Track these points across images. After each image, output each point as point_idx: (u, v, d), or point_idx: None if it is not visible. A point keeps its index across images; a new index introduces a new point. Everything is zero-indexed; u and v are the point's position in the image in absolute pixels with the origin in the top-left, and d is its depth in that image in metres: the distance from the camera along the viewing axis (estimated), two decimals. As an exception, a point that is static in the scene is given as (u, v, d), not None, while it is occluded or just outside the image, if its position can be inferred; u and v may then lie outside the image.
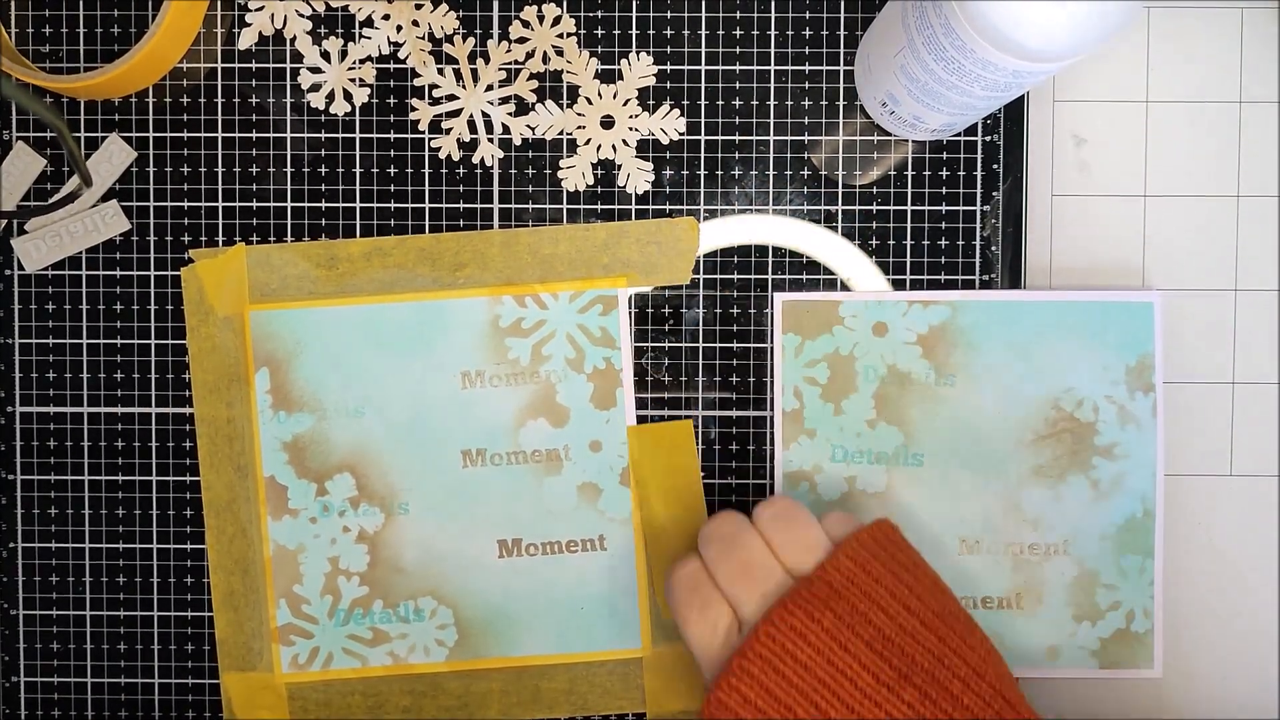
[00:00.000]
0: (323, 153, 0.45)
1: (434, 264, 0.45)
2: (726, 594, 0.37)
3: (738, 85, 0.45)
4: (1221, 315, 0.47)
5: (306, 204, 0.45)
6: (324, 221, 0.45)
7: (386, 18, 0.45)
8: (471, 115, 0.45)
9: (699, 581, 0.38)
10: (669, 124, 0.45)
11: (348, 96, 0.45)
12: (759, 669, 0.35)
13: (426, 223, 0.45)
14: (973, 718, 0.34)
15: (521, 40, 0.45)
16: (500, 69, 0.45)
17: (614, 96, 0.45)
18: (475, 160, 0.45)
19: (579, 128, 0.45)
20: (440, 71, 0.45)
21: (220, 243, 0.45)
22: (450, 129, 0.45)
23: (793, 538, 0.38)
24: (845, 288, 0.45)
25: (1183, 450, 0.47)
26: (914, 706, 0.34)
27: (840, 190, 0.45)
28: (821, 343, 0.45)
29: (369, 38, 0.45)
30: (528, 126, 0.45)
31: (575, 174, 0.45)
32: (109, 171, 0.45)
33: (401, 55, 0.45)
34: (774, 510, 0.39)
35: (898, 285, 0.45)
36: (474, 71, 0.45)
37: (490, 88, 0.45)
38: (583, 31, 0.45)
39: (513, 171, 0.45)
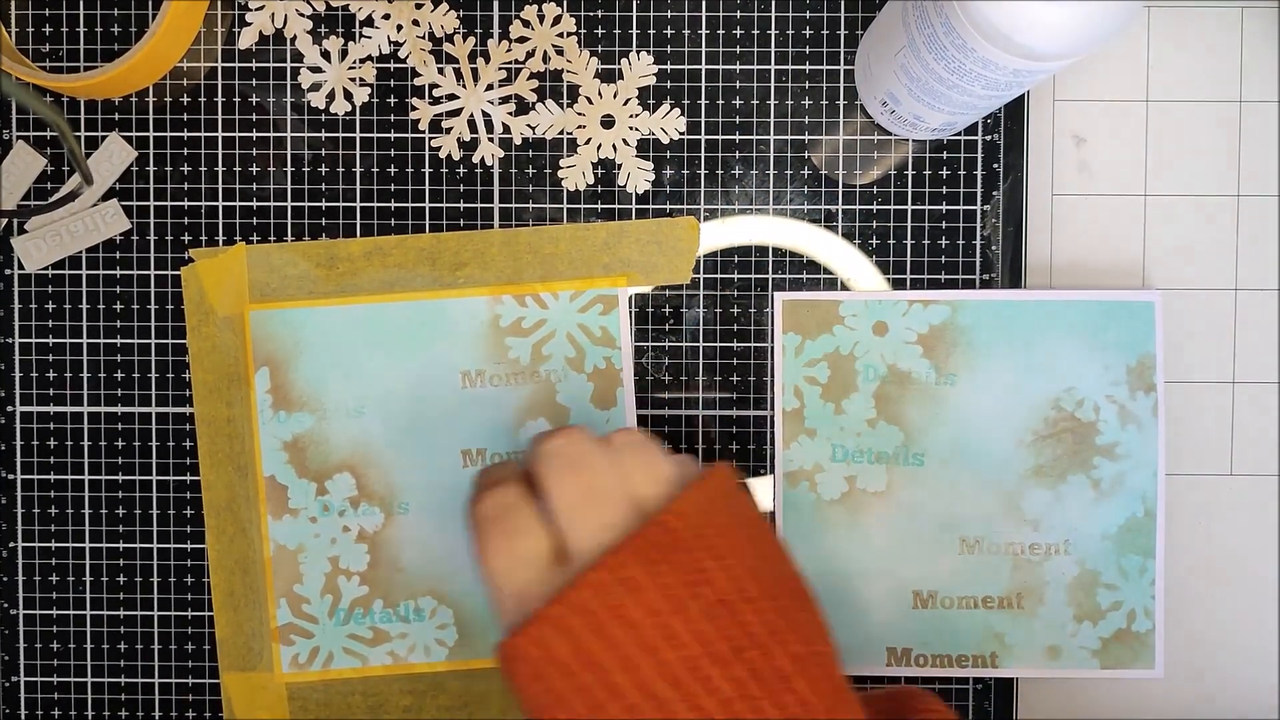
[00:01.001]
0: (323, 153, 0.45)
1: (434, 264, 0.45)
2: (558, 519, 0.32)
3: (738, 85, 0.45)
4: (1221, 315, 0.46)
5: (306, 204, 0.45)
6: (324, 221, 0.45)
7: (387, 17, 0.45)
8: (472, 115, 0.45)
9: (513, 507, 0.33)
10: (669, 124, 0.45)
11: (348, 96, 0.45)
12: (579, 622, 0.30)
13: (426, 222, 0.45)
14: (801, 701, 0.30)
15: (522, 40, 0.45)
16: (500, 68, 0.45)
17: (614, 96, 0.45)
18: (475, 160, 0.45)
19: (579, 127, 0.45)
20: (440, 71, 0.45)
21: (220, 242, 0.45)
22: (450, 128, 0.45)
23: (646, 464, 0.33)
24: (845, 287, 0.45)
25: (1183, 450, 0.47)
26: (743, 685, 0.29)
27: (840, 190, 0.45)
28: (822, 342, 0.45)
29: (369, 37, 0.45)
30: (528, 126, 0.45)
31: (575, 174, 0.45)
32: (109, 171, 0.45)
33: (402, 55, 0.45)
34: (628, 438, 0.34)
35: (898, 285, 0.45)
36: (474, 71, 0.45)
37: (490, 87, 0.45)
38: (583, 31, 0.45)
39: (513, 171, 0.45)
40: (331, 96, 0.45)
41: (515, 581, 0.32)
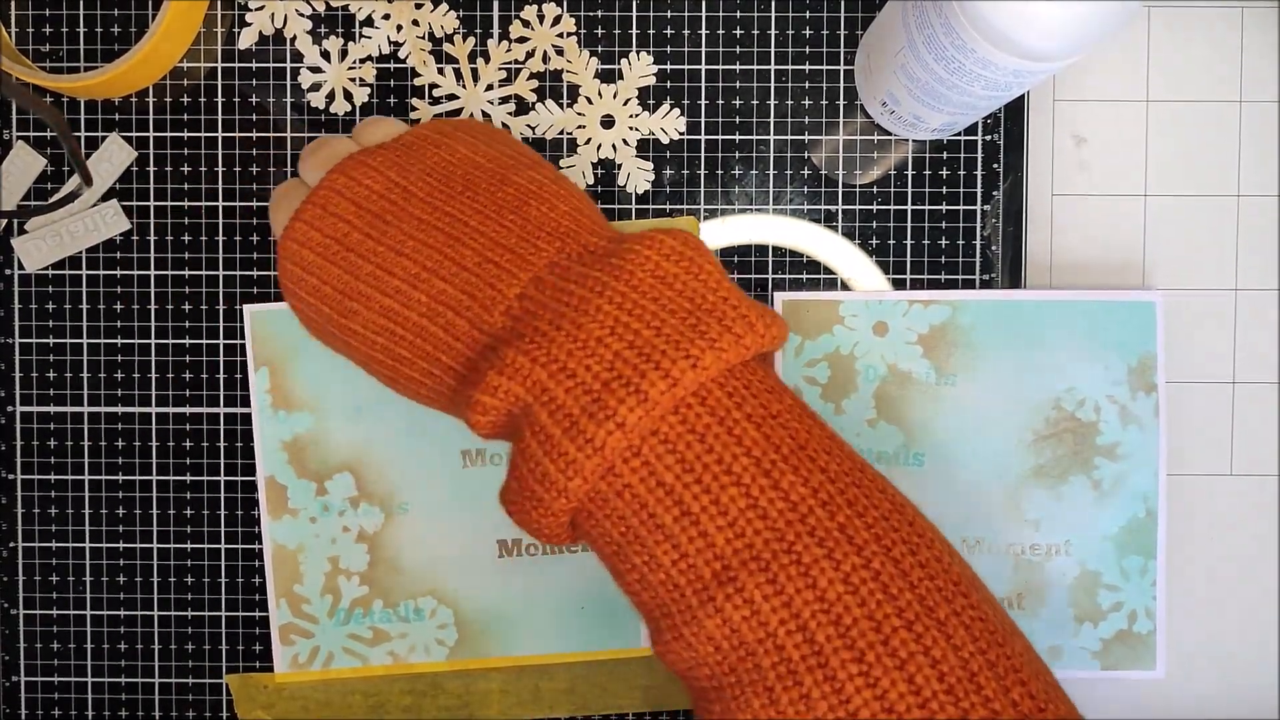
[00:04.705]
0: (323, 152, 0.45)
1: (434, 264, 0.45)
2: (306, 180, 0.38)
3: (738, 85, 0.45)
4: (1222, 315, 0.46)
5: (307, 204, 0.45)
6: (324, 221, 0.45)
7: (387, 17, 0.45)
8: (472, 115, 0.45)
9: (289, 185, 0.39)
10: (669, 124, 0.45)
11: (348, 96, 0.45)
12: (313, 214, 0.36)
13: (427, 222, 0.45)
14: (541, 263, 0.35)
15: (521, 40, 0.45)
16: (500, 68, 0.45)
17: (614, 96, 0.45)
18: (475, 160, 0.45)
19: (579, 127, 0.45)
20: (440, 71, 0.45)
21: (220, 243, 0.45)
22: (450, 129, 0.45)
23: (379, 129, 0.39)
24: (845, 287, 0.45)
25: (1184, 450, 0.47)
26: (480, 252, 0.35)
27: (840, 190, 0.45)
28: (822, 342, 0.45)
29: (369, 37, 0.45)
30: (528, 126, 0.45)
31: (575, 174, 0.45)
32: (109, 171, 0.45)
33: (402, 55, 0.45)
34: (369, 118, 0.40)
35: (898, 285, 0.45)
36: (474, 71, 0.45)
37: (490, 87, 0.45)
38: (583, 31, 0.45)
39: (513, 171, 0.45)
40: (331, 96, 0.45)
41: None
